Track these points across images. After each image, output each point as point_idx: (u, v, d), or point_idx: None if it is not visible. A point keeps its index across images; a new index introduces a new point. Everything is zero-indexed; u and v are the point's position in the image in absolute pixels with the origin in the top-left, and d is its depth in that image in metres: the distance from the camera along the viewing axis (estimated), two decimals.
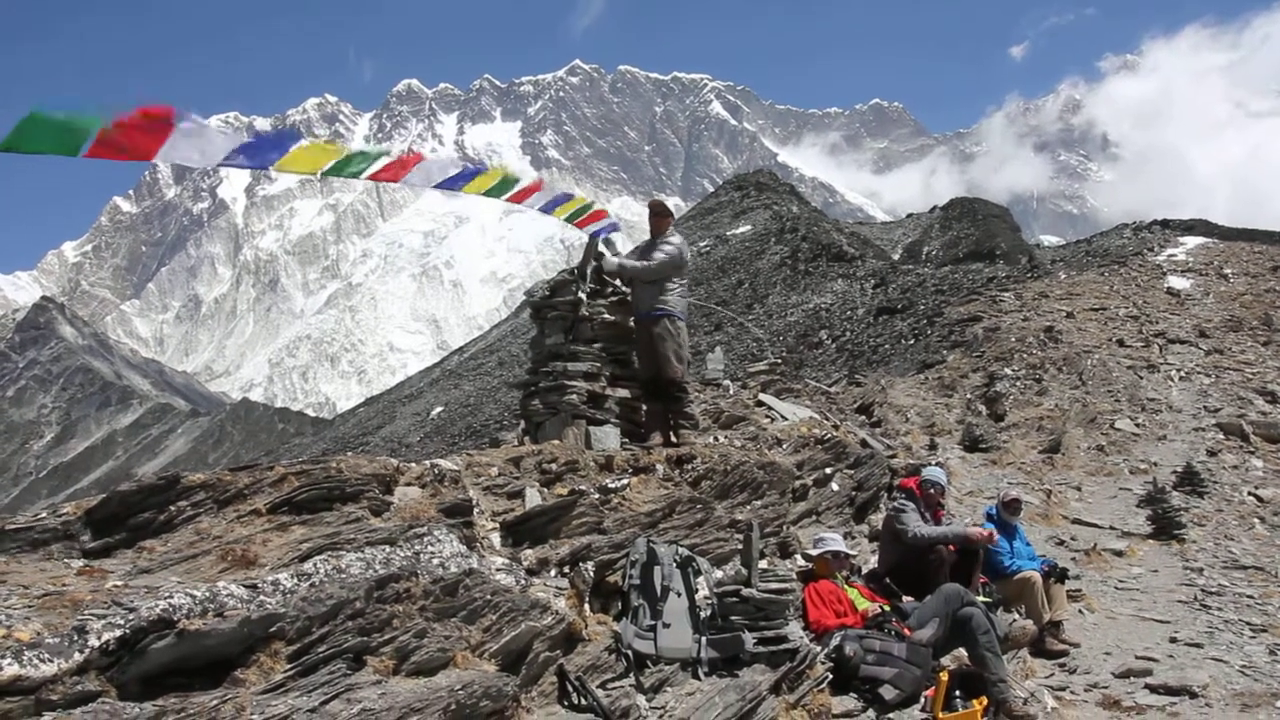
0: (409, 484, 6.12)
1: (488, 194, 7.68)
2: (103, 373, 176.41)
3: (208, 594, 3.89)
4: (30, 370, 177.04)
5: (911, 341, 36.56)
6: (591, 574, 6.20)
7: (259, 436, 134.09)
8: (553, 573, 6.20)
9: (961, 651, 7.32)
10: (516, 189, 7.91)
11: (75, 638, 3.45)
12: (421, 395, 79.20)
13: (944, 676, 6.45)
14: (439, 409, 68.78)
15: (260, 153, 5.60)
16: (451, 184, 7.11)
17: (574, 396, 8.92)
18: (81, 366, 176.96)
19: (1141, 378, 24.46)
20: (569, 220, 9.29)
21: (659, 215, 9.88)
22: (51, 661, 3.33)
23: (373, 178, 6.28)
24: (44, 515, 4.97)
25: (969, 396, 23.79)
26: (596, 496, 7.06)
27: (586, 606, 6.07)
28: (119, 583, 4.10)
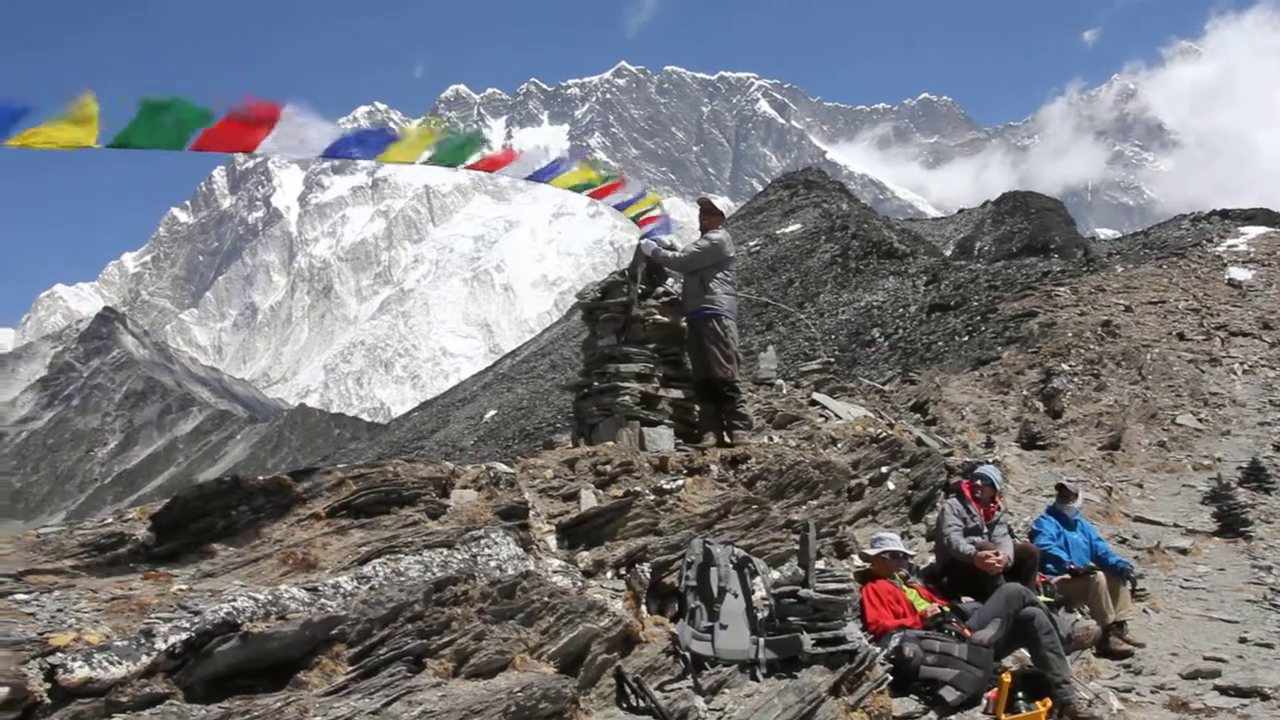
0: (465, 487, 6.16)
1: (575, 189, 7.83)
2: (164, 381, 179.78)
3: (270, 597, 3.93)
4: (94, 379, 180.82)
5: (965, 338, 36.14)
6: (648, 575, 6.19)
7: (316, 442, 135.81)
8: (609, 574, 6.20)
9: (1023, 653, 7.21)
10: (601, 185, 8.06)
11: (143, 641, 3.51)
12: (474, 399, 79.73)
13: (1007, 678, 6.36)
14: (492, 412, 69.20)
15: (362, 144, 5.67)
16: (542, 176, 7.23)
17: (627, 398, 8.91)
18: (143, 375, 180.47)
19: (1203, 372, 23.97)
20: (634, 218, 9.33)
21: (708, 213, 9.88)
22: (120, 664, 3.39)
23: (470, 168, 6.35)
24: (110, 521, 5.07)
25: (1025, 393, 23.45)
26: (652, 498, 7.05)
27: (643, 608, 6.06)
28: (184, 586, 4.17)
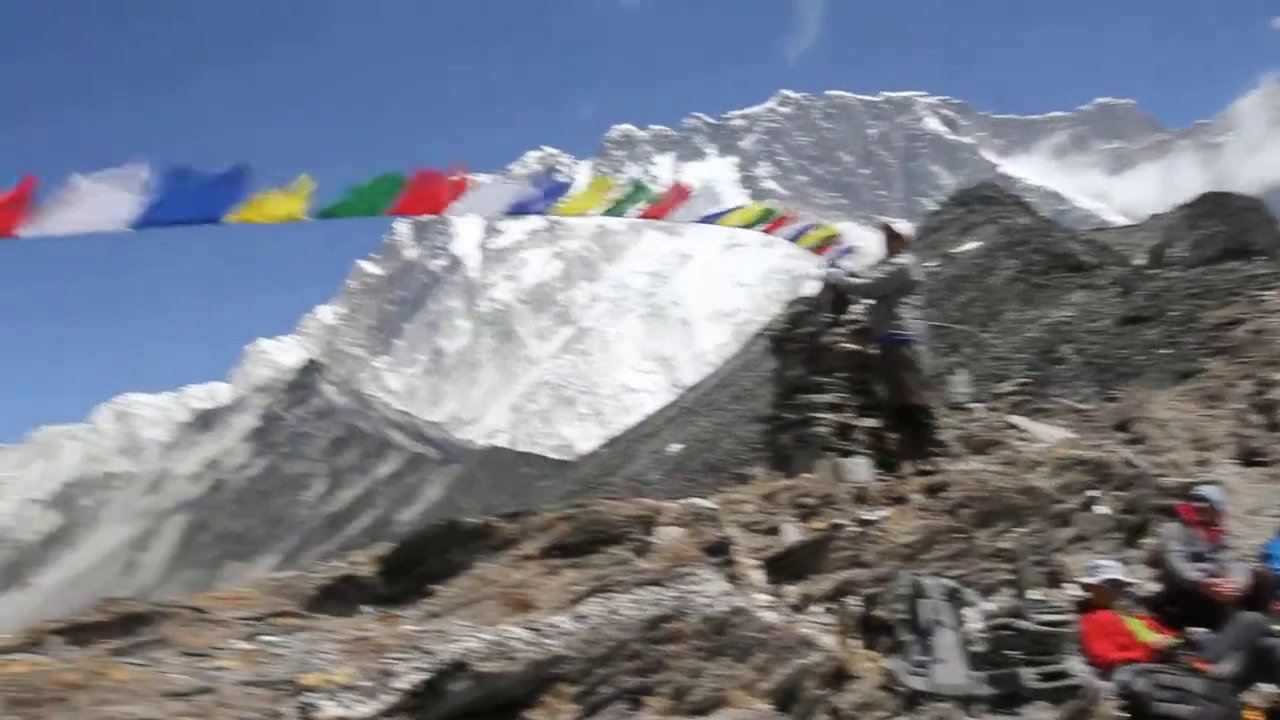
0: (668, 524, 6.22)
1: (746, 227, 7.89)
2: (362, 427, 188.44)
3: (496, 637, 4.06)
4: (300, 427, 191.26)
5: (1166, 350, 34.31)
6: (856, 609, 6.11)
7: (506, 481, 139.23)
8: (817, 609, 6.15)
9: (1269, 688, 6.73)
10: (771, 220, 8.11)
11: (384, 680, 3.67)
12: (658, 433, 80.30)
13: (1254, 716, 5.95)
14: (677, 446, 69.55)
15: (540, 199, 5.89)
16: (711, 218, 7.32)
17: (822, 429, 8.84)
18: (343, 421, 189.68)
19: None
20: (811, 248, 9.31)
21: (892, 238, 9.75)
22: (366, 703, 3.56)
23: (643, 215, 6.52)
24: (341, 565, 5.35)
25: (1239, 406, 22.00)
26: (854, 530, 6.96)
27: (854, 642, 5.97)
28: (413, 627, 4.36)
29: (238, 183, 4.43)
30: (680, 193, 7.29)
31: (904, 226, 10.56)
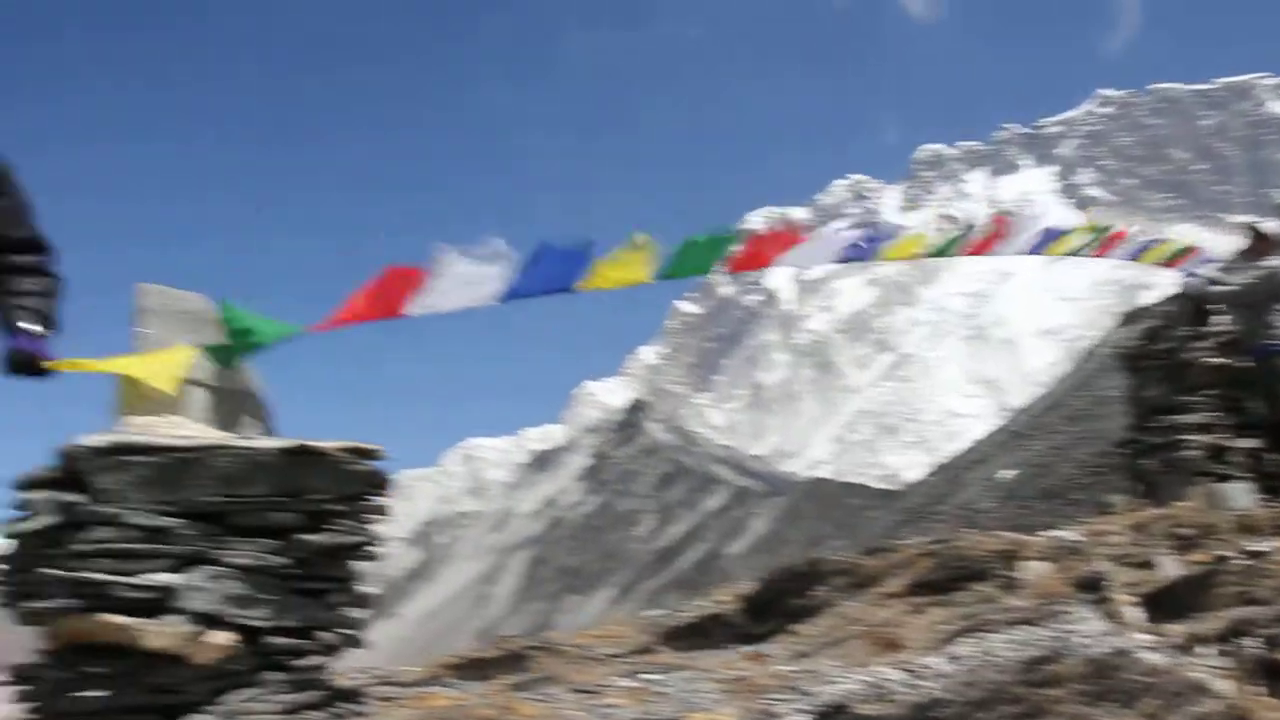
0: (1033, 558, 5.95)
1: (1075, 253, 7.46)
2: (687, 463, 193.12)
3: (873, 679, 4.04)
4: (628, 465, 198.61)
5: None
6: (1254, 651, 5.56)
7: (832, 513, 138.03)
8: (1206, 650, 5.65)
9: None
10: (1103, 240, 7.61)
11: None
12: (988, 460, 76.99)
13: None
14: (1009, 472, 66.42)
15: (864, 248, 5.90)
16: (1040, 248, 6.98)
17: (1191, 452, 8.17)
18: (669, 458, 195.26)
19: None
20: (1159, 263, 8.70)
21: (1258, 239, 8.92)
22: None
23: (967, 253, 6.37)
24: (706, 605, 5.50)
25: None
26: (1242, 562, 6.35)
27: (1254, 689, 5.44)
28: (786, 667, 4.40)
29: (585, 253, 4.71)
30: (1001, 224, 7.01)
31: (1272, 226, 9.64)
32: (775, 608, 5.09)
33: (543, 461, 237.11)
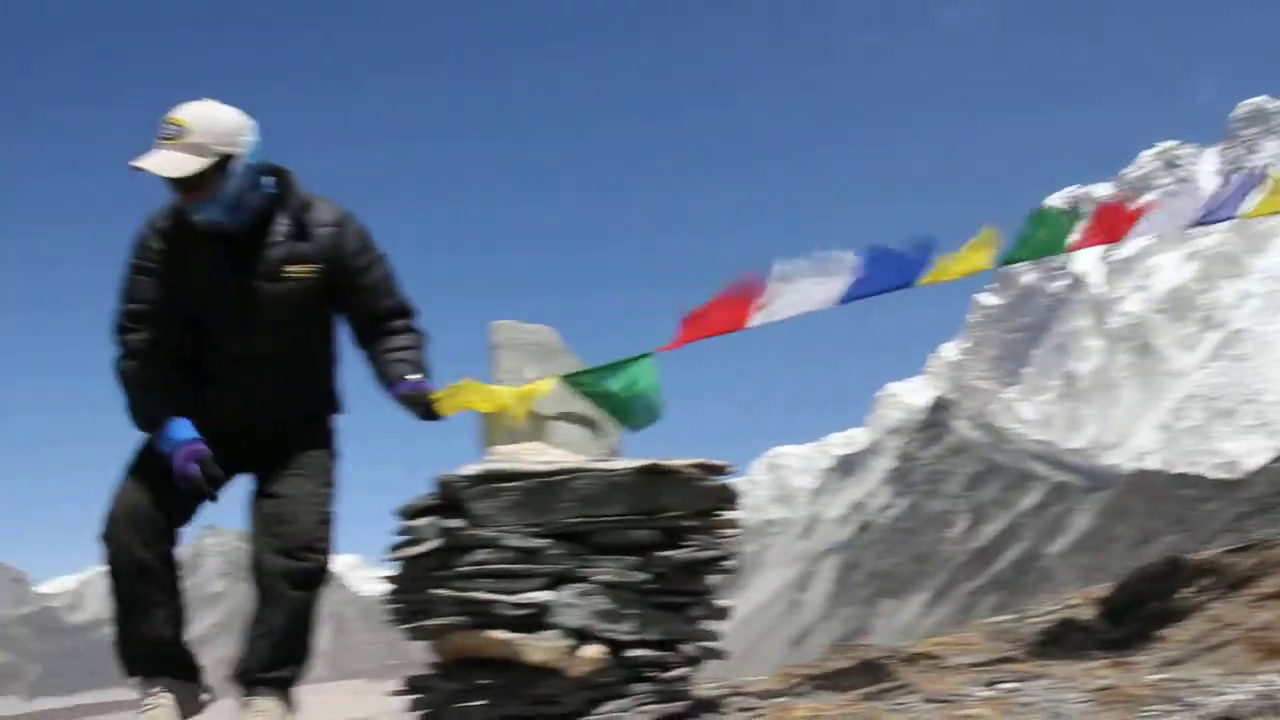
0: None
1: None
2: (999, 460, 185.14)
3: (1263, 689, 3.72)
4: (936, 465, 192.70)
5: None
6: None
7: (1162, 506, 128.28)
8: None
9: None
10: None
11: None
12: None
13: None
14: None
15: (1230, 200, 5.42)
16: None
17: None
18: (979, 456, 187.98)
19: None
20: None
21: None
22: None
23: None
24: (1056, 608, 5.26)
25: None
26: None
27: None
28: (1158, 676, 4.13)
29: (927, 250, 4.62)
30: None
31: None
32: (1135, 612, 4.79)
33: (848, 466, 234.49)
